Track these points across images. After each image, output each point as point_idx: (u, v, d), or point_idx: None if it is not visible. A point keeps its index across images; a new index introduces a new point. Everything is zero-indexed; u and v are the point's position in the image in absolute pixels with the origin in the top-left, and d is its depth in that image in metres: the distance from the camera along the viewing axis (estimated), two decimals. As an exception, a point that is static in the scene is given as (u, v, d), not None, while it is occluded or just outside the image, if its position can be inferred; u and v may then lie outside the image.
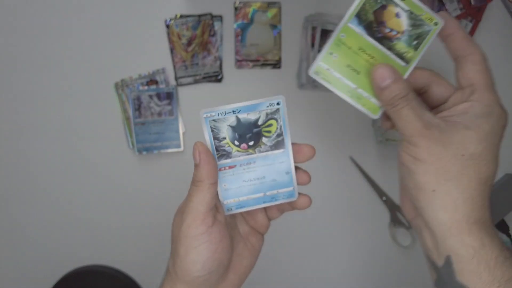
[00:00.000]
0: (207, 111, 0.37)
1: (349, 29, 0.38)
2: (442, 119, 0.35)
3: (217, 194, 0.38)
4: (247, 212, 0.42)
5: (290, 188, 0.40)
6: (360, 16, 0.37)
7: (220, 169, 0.38)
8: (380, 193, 0.67)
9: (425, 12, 0.37)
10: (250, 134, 0.38)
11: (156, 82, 0.66)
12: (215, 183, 0.37)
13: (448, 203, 0.34)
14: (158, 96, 0.65)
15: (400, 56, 0.38)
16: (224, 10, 0.66)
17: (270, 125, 0.38)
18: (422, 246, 0.38)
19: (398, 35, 0.38)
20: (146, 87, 0.65)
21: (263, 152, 0.39)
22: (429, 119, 0.34)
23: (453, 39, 0.37)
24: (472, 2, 0.64)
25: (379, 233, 0.68)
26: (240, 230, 0.42)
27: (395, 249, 0.68)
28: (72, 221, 0.68)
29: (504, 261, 0.32)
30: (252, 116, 0.37)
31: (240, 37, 0.66)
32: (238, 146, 0.38)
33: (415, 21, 0.38)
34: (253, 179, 0.39)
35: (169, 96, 0.65)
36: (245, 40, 0.66)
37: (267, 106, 0.37)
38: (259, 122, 0.38)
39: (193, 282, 0.37)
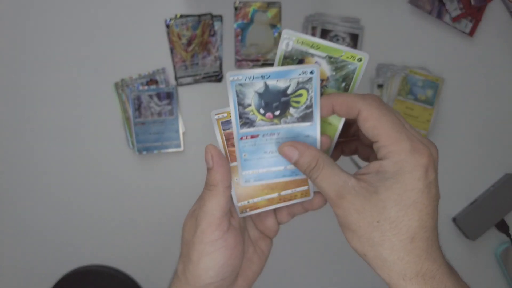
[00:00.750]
0: (234, 74, 0.34)
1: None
2: (358, 179, 0.34)
3: (231, 198, 0.37)
4: (257, 216, 0.41)
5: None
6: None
7: (241, 138, 0.36)
8: (380, 193, 0.67)
9: (344, 52, 0.35)
10: (277, 103, 0.35)
11: (156, 82, 0.66)
12: (229, 187, 0.36)
13: (380, 265, 0.34)
14: (158, 96, 0.65)
15: None
16: (224, 10, 0.66)
17: (300, 95, 0.35)
18: None
19: (324, 83, 0.37)
20: (146, 87, 0.65)
21: (289, 123, 0.36)
22: (343, 187, 0.34)
23: (337, 110, 0.35)
24: (472, 2, 0.64)
25: (379, 233, 0.68)
26: (250, 235, 0.42)
27: (395, 249, 0.68)
28: (72, 221, 0.68)
29: None
30: (281, 84, 0.35)
31: (240, 37, 0.66)
32: (263, 114, 0.36)
33: (337, 64, 0.36)
34: (275, 151, 0.37)
35: (169, 96, 0.65)
36: (245, 40, 0.66)
37: (299, 74, 0.34)
38: (289, 91, 0.35)
39: None
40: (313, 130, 0.36)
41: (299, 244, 0.69)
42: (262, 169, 0.37)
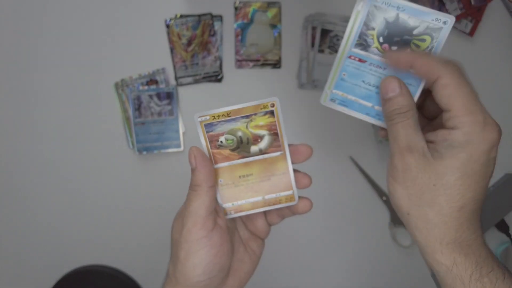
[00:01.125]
0: None
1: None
2: (428, 142, 0.35)
3: (216, 198, 0.38)
4: (247, 217, 0.42)
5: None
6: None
7: (350, 57, 0.36)
8: (380, 193, 0.67)
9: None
10: (398, 38, 0.35)
11: (156, 82, 0.66)
12: (213, 186, 0.37)
13: (421, 226, 0.35)
14: (158, 96, 0.65)
15: None
16: (224, 10, 0.66)
17: (423, 40, 0.35)
18: None
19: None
20: (146, 87, 0.65)
21: None
22: (415, 142, 0.34)
23: (416, 69, 0.35)
24: (472, 2, 0.64)
25: (379, 233, 0.68)
26: (240, 235, 0.42)
27: (395, 249, 0.68)
28: (72, 221, 0.68)
29: (480, 278, 0.33)
30: (411, 22, 0.35)
31: (240, 37, 0.66)
32: (381, 44, 0.36)
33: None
34: (373, 84, 0.37)
35: (169, 96, 0.65)
36: (245, 40, 0.66)
37: (432, 20, 0.35)
38: (415, 32, 0.35)
39: (193, 287, 0.37)
40: (417, 82, 0.36)
41: (293, 245, 0.69)
42: (352, 96, 0.38)
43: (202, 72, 0.66)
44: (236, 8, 0.65)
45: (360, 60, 0.37)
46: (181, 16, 0.65)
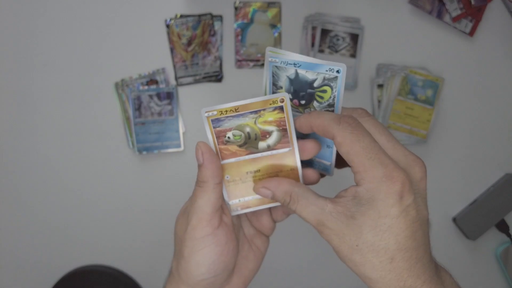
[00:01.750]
0: (273, 56, 0.36)
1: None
2: (336, 203, 0.34)
3: (222, 195, 0.37)
4: (252, 214, 0.41)
5: (328, 163, 0.39)
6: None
7: None
8: (380, 193, 0.67)
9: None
10: (304, 92, 0.36)
11: (156, 82, 0.66)
12: (220, 183, 0.36)
13: (368, 282, 0.35)
14: (158, 96, 0.65)
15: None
16: (224, 10, 0.66)
17: (324, 91, 0.36)
18: None
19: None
20: (146, 87, 0.65)
21: None
22: (320, 213, 0.34)
23: (315, 131, 0.35)
24: (472, 2, 0.64)
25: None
26: (245, 232, 0.42)
27: (395, 249, 0.68)
28: (72, 221, 0.68)
29: None
30: (309, 76, 0.36)
31: (240, 37, 0.66)
32: (291, 100, 0.37)
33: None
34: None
35: (169, 96, 0.65)
36: (245, 40, 0.66)
37: (326, 70, 0.36)
38: (315, 84, 0.36)
39: (197, 285, 0.37)
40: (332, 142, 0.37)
41: (292, 245, 0.69)
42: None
43: (202, 72, 0.66)
44: (236, 8, 0.66)
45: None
46: (181, 16, 0.65)
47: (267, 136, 0.37)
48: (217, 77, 0.66)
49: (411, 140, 0.66)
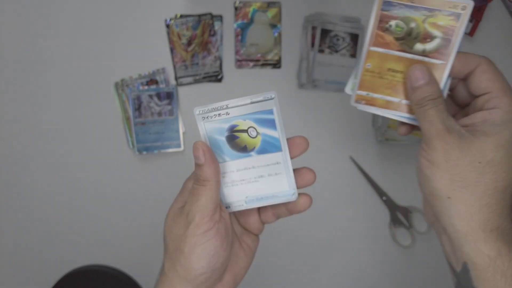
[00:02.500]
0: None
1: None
2: (463, 126, 0.35)
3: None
4: (240, 213, 0.41)
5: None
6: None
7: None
8: (380, 193, 0.67)
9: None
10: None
11: (156, 82, 0.66)
12: (219, 181, 0.37)
13: (463, 211, 0.33)
14: (158, 96, 0.65)
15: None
16: (224, 10, 0.66)
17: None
18: (442, 249, 0.38)
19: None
20: (146, 87, 0.65)
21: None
22: (451, 124, 0.34)
23: (458, 61, 0.36)
24: (472, 2, 0.64)
25: (379, 233, 0.68)
26: (234, 229, 0.42)
27: (395, 249, 0.68)
28: (72, 221, 0.68)
29: None
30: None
31: (240, 37, 0.66)
32: None
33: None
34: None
35: (169, 96, 0.65)
36: (245, 40, 0.66)
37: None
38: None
39: (195, 281, 0.37)
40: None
41: (292, 245, 0.69)
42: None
43: (202, 72, 0.66)
44: (236, 8, 0.66)
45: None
46: (181, 16, 0.65)
47: (428, 40, 0.35)
48: (217, 77, 0.66)
49: (411, 140, 0.66)
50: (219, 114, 0.37)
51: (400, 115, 0.37)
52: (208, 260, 0.37)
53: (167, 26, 0.65)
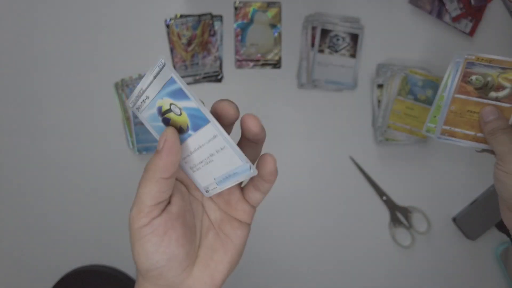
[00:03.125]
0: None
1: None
2: None
3: (168, 189, 0.34)
4: (219, 195, 0.37)
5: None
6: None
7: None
8: (380, 193, 0.67)
9: None
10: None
11: (156, 82, 0.66)
12: (168, 178, 0.33)
13: None
14: (158, 96, 0.65)
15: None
16: (224, 10, 0.66)
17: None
18: None
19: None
20: (146, 87, 0.65)
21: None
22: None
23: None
24: (472, 2, 0.64)
25: (379, 233, 0.68)
26: (211, 218, 0.37)
27: (395, 249, 0.68)
28: (72, 221, 0.68)
29: None
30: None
31: (240, 37, 0.66)
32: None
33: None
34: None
35: (169, 96, 0.65)
36: (245, 40, 0.66)
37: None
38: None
39: (146, 276, 0.34)
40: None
41: (292, 245, 0.69)
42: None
43: (202, 72, 0.66)
44: (236, 8, 0.66)
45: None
46: (181, 16, 0.65)
47: (500, 89, 0.47)
48: (217, 77, 0.66)
49: (411, 140, 0.66)
50: (143, 101, 0.34)
51: (476, 145, 0.48)
52: (146, 257, 0.33)
53: (167, 26, 0.65)
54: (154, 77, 0.32)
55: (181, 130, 0.33)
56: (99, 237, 0.68)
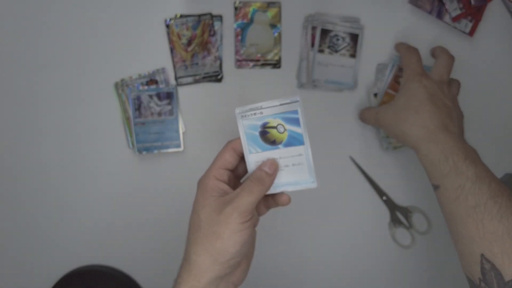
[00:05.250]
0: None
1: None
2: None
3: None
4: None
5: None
6: None
7: None
8: (380, 193, 0.67)
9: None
10: None
11: (156, 82, 0.66)
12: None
13: (407, 136, 0.56)
14: (158, 96, 0.65)
15: None
16: (224, 10, 0.66)
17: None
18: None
19: None
20: (146, 87, 0.65)
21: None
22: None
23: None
24: (472, 2, 0.64)
25: (379, 233, 0.68)
26: None
27: (395, 249, 0.68)
28: (72, 221, 0.68)
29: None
30: None
31: (240, 37, 0.66)
32: None
33: None
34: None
35: (169, 96, 0.65)
36: (245, 40, 0.66)
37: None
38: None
39: (226, 263, 0.42)
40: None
41: (292, 245, 0.69)
42: None
43: (202, 72, 0.66)
44: (236, 8, 0.66)
45: None
46: (181, 16, 0.65)
47: None
48: (217, 77, 0.66)
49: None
50: (254, 113, 0.45)
51: None
52: (241, 246, 0.42)
53: (167, 26, 0.65)
54: (281, 104, 0.44)
55: (272, 142, 0.45)
56: (99, 237, 0.68)
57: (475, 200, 0.47)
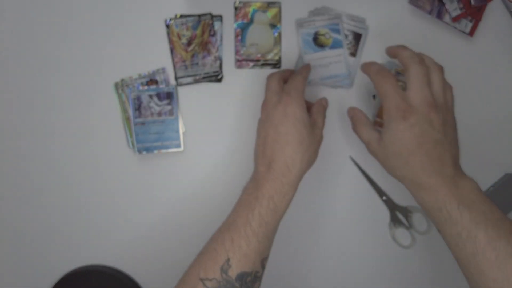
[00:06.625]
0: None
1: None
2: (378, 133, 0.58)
3: None
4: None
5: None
6: None
7: None
8: (380, 193, 0.67)
9: None
10: None
11: (156, 82, 0.66)
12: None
13: (402, 178, 0.56)
14: (158, 96, 0.65)
15: None
16: (224, 10, 0.66)
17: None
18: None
19: None
20: (146, 87, 0.65)
21: None
22: (371, 137, 0.59)
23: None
24: (472, 2, 0.64)
25: (379, 233, 0.68)
26: None
27: (395, 249, 0.68)
28: (72, 221, 0.68)
29: None
30: None
31: (240, 37, 0.66)
32: None
33: None
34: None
35: (169, 96, 0.65)
36: (245, 40, 0.66)
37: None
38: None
39: (297, 178, 0.54)
40: None
41: (292, 245, 0.69)
42: None
43: (202, 72, 0.66)
44: (236, 8, 0.66)
45: None
46: (181, 16, 0.65)
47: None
48: (217, 77, 0.66)
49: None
50: (309, 24, 0.62)
51: None
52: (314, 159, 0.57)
53: (167, 26, 0.65)
54: (328, 20, 0.63)
55: (321, 46, 0.63)
56: (99, 237, 0.68)
57: (473, 248, 0.47)
